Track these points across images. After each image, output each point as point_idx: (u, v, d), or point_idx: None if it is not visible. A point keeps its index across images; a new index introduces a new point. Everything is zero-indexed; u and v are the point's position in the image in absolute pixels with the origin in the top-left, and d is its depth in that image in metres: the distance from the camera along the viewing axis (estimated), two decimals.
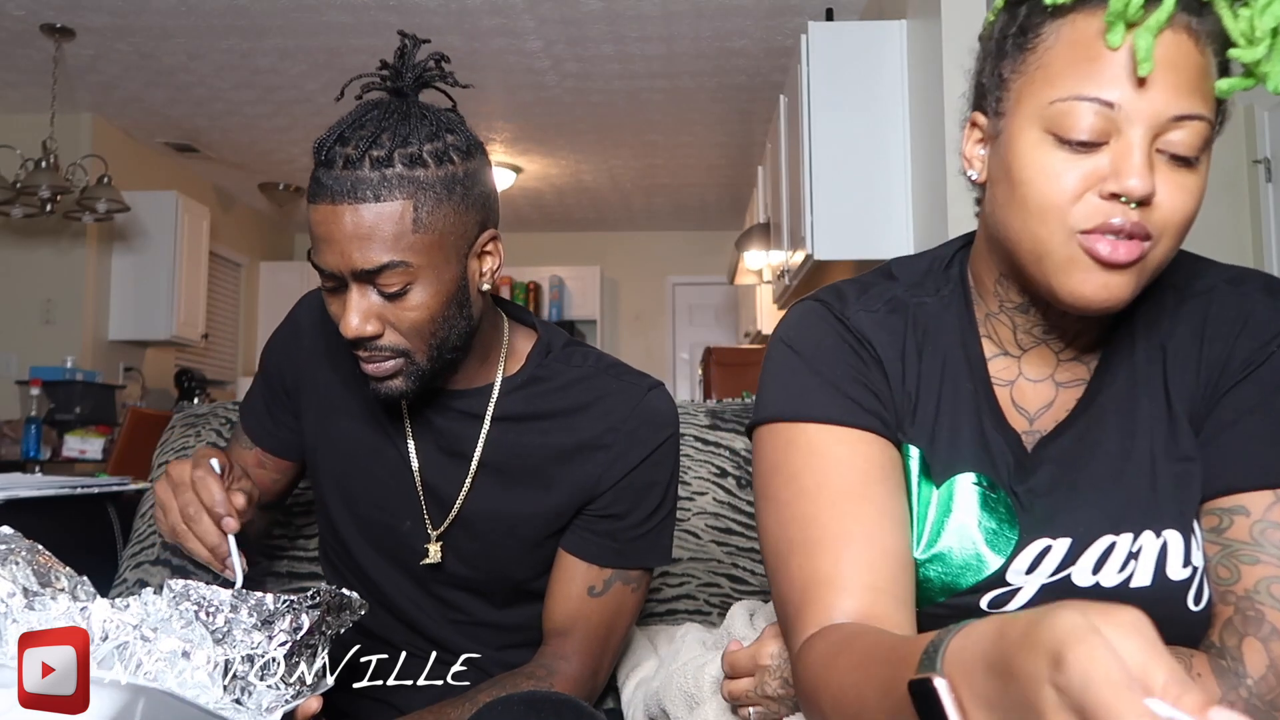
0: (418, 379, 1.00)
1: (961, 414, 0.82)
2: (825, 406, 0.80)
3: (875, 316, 0.84)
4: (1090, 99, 0.69)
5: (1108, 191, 0.69)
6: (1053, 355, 0.83)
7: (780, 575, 0.77)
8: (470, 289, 1.01)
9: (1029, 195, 0.72)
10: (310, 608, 0.84)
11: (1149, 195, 0.68)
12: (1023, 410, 0.83)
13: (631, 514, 1.08)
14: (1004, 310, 0.83)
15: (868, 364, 0.83)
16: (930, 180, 2.96)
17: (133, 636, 0.79)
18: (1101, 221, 0.69)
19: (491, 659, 1.14)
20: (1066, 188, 0.70)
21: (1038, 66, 0.72)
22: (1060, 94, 0.70)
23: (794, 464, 0.79)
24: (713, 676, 0.98)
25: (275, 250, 7.77)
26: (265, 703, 0.80)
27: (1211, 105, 0.70)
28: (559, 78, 4.76)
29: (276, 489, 1.24)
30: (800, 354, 0.83)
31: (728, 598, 1.41)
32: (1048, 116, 0.71)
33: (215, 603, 0.80)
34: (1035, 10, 0.73)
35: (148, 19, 4.14)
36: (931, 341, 0.84)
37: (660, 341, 8.07)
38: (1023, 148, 0.72)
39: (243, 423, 1.23)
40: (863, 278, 0.89)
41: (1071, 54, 0.70)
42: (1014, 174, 0.73)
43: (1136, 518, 0.78)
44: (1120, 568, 0.78)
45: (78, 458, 4.74)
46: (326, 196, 0.93)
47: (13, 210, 4.59)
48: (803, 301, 0.88)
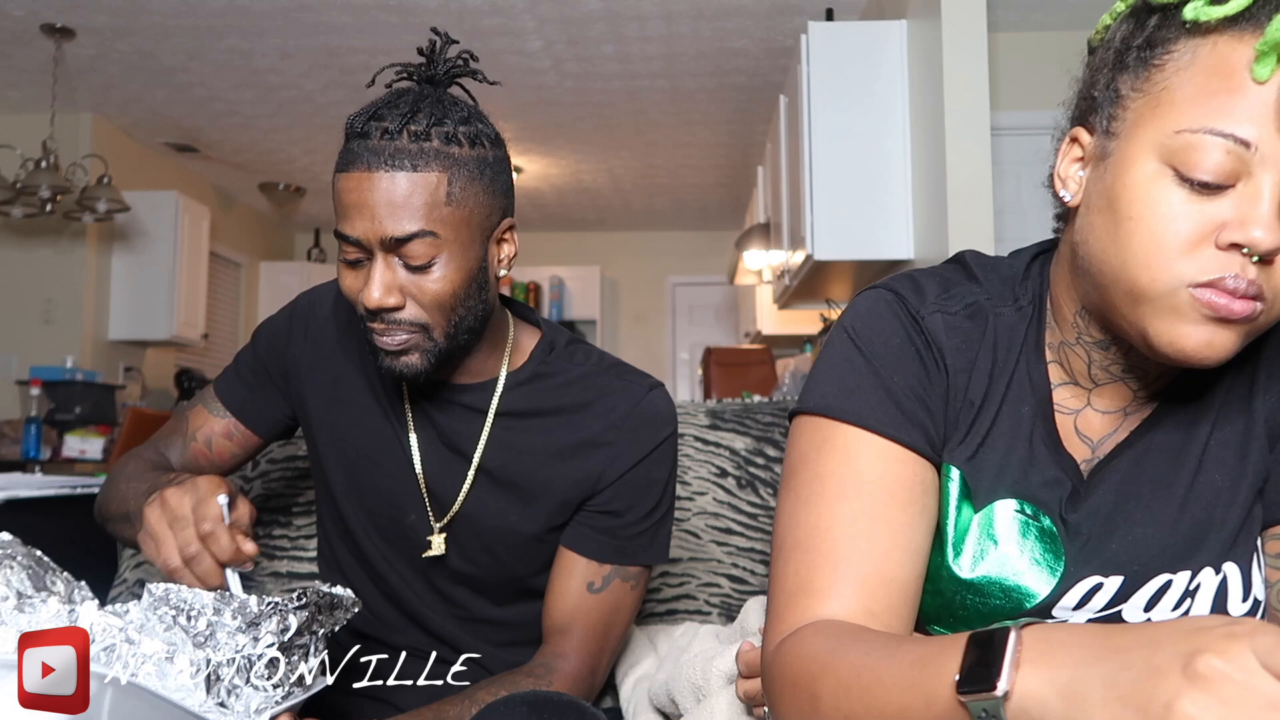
0: (434, 357, 1.01)
1: (1017, 438, 0.76)
2: (872, 413, 0.74)
3: (952, 320, 0.77)
4: (1224, 135, 0.61)
5: (1228, 241, 0.61)
6: (1129, 392, 0.76)
7: (777, 568, 0.74)
8: (489, 272, 1.03)
9: (1136, 233, 0.64)
10: (297, 609, 0.84)
11: (1275, 251, 0.61)
12: (1086, 439, 0.77)
13: (630, 511, 1.09)
14: (1081, 343, 0.75)
15: (930, 373, 0.76)
16: (930, 180, 2.96)
17: (119, 639, 0.79)
18: (1215, 277, 0.62)
19: (492, 657, 1.14)
20: (1181, 232, 0.62)
21: (1164, 88, 0.64)
22: (1189, 124, 0.62)
23: (824, 464, 0.74)
24: (720, 670, 0.98)
25: (275, 250, 7.77)
26: (254, 705, 0.80)
27: None
28: (559, 78, 4.76)
29: (232, 463, 1.23)
30: (861, 348, 0.76)
31: (728, 598, 1.41)
32: (1170, 148, 0.63)
33: (197, 606, 0.80)
34: (1169, 23, 0.65)
35: (148, 19, 4.14)
36: (1004, 359, 0.77)
37: (660, 341, 8.06)
38: (1136, 178, 0.64)
39: (220, 392, 1.20)
40: (943, 272, 0.81)
41: (1208, 81, 0.62)
42: (1121, 207, 0.65)
43: (1195, 553, 0.74)
44: (1175, 605, 0.74)
45: (78, 458, 4.73)
46: (362, 164, 0.95)
47: (13, 210, 4.59)
48: (874, 289, 0.81)
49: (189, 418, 1.22)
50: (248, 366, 1.21)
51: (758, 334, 5.79)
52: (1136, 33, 0.67)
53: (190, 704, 0.78)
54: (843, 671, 0.61)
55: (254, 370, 1.20)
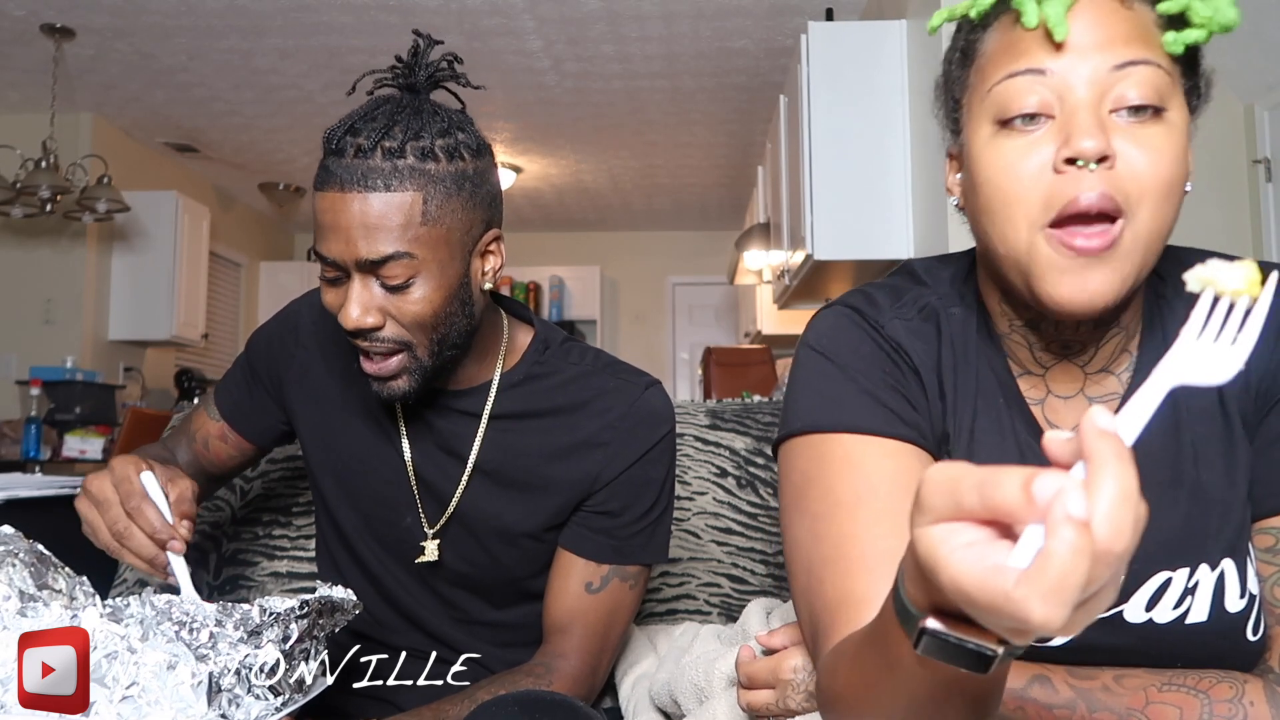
0: (421, 376, 1.00)
1: (1004, 434, 0.78)
2: (863, 416, 0.76)
3: (910, 324, 0.81)
4: (1021, 71, 0.69)
5: (1062, 160, 0.66)
6: (1078, 370, 0.78)
7: (812, 592, 0.73)
8: (472, 287, 1.01)
9: (991, 193, 0.70)
10: (299, 618, 0.84)
11: (1105, 152, 0.65)
12: (1057, 429, 0.78)
13: (628, 511, 1.09)
14: (1015, 330, 0.79)
15: (905, 373, 0.79)
16: (930, 180, 2.96)
17: (121, 647, 0.79)
18: (1066, 201, 0.66)
19: (493, 657, 1.14)
20: (1023, 173, 0.68)
21: (978, 71, 0.73)
22: (995, 79, 0.70)
23: (829, 477, 0.75)
24: (723, 672, 0.98)
25: (275, 250, 7.77)
26: (254, 713, 0.80)
27: (1160, 54, 0.67)
28: (559, 78, 4.76)
29: (230, 465, 1.24)
30: (834, 361, 0.79)
31: (728, 598, 1.41)
32: (990, 107, 0.70)
33: (199, 618, 0.80)
34: (969, 29, 0.75)
35: (148, 19, 4.14)
36: (962, 354, 0.80)
37: (660, 341, 8.06)
38: (977, 149, 0.72)
39: (217, 397, 1.22)
40: (892, 282, 0.85)
41: (1000, 47, 0.71)
42: (975, 179, 0.72)
43: (1192, 551, 0.74)
44: (1176, 604, 0.74)
45: (78, 458, 4.73)
46: (336, 184, 0.93)
47: (13, 210, 4.59)
48: (831, 308, 0.84)
49: (193, 418, 1.24)
50: (241, 372, 1.22)
51: (758, 334, 5.79)
52: (954, 50, 0.78)
53: (192, 715, 0.78)
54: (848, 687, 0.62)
55: (246, 377, 1.21)
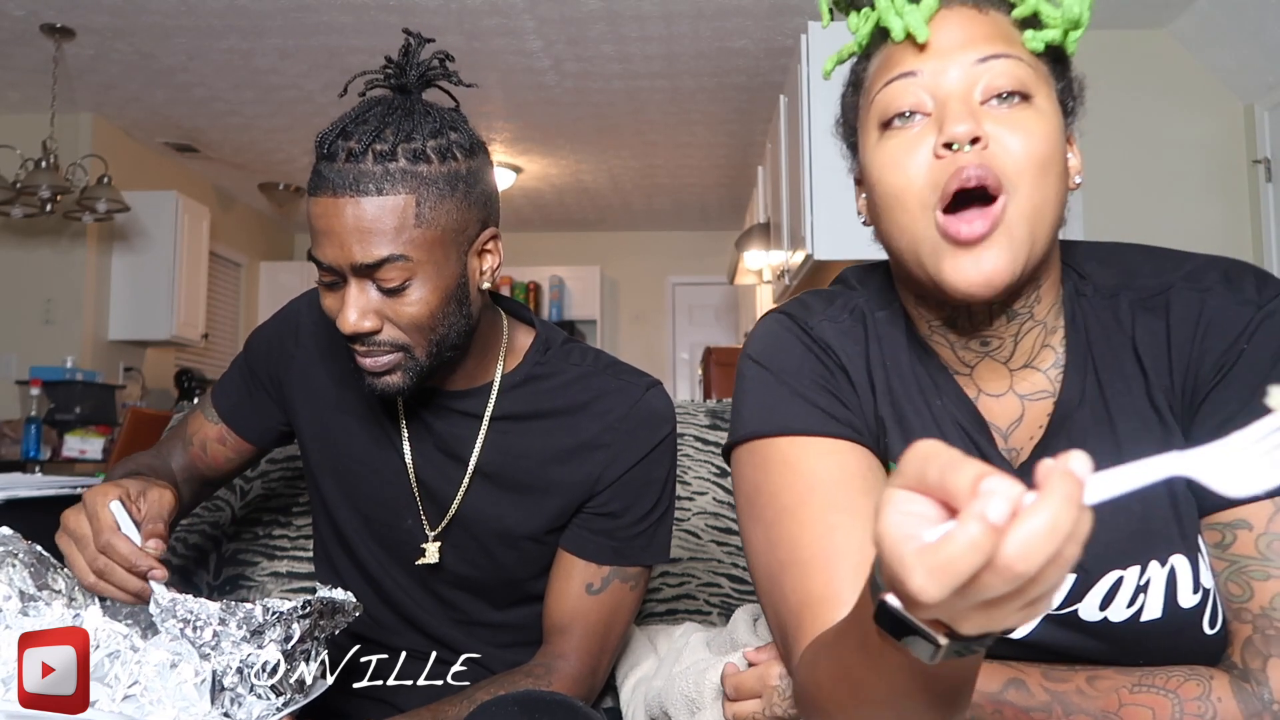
0: (415, 375, 1.00)
1: (949, 433, 0.79)
2: (797, 418, 0.79)
3: (839, 326, 0.84)
4: (895, 78, 0.74)
5: (941, 145, 0.71)
6: (1002, 367, 0.80)
7: (775, 597, 0.76)
8: (470, 287, 1.01)
9: (884, 190, 0.74)
10: (301, 618, 0.84)
11: (977, 134, 0.70)
12: (995, 428, 0.80)
13: (629, 512, 1.08)
14: (935, 330, 0.81)
15: (834, 372, 0.82)
16: None
17: (124, 645, 0.79)
18: (948, 178, 0.70)
19: (493, 658, 1.14)
20: (909, 165, 0.72)
21: (864, 94, 0.79)
22: (875, 89, 0.76)
23: (774, 482, 0.78)
24: (713, 682, 0.98)
25: (275, 250, 7.77)
26: (255, 712, 0.81)
27: (1022, 51, 0.74)
28: (559, 78, 4.76)
29: (228, 468, 1.23)
30: (767, 368, 0.83)
31: (728, 598, 1.41)
32: (874, 116, 0.75)
33: (203, 616, 0.80)
34: (855, 61, 0.82)
35: (148, 19, 4.13)
36: (891, 355, 0.83)
37: (660, 341, 8.06)
38: (868, 155, 0.76)
39: (214, 399, 1.22)
40: (829, 289, 0.89)
41: (880, 66, 0.77)
42: (870, 180, 0.76)
43: (1141, 548, 0.75)
44: (1129, 602, 0.75)
45: (78, 458, 4.73)
46: (328, 189, 0.93)
47: (13, 210, 4.59)
48: (768, 315, 0.88)
49: (189, 422, 1.23)
50: (240, 373, 1.21)
51: None
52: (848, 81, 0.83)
53: (195, 713, 0.78)
54: (827, 681, 0.63)
55: (245, 377, 1.20)
